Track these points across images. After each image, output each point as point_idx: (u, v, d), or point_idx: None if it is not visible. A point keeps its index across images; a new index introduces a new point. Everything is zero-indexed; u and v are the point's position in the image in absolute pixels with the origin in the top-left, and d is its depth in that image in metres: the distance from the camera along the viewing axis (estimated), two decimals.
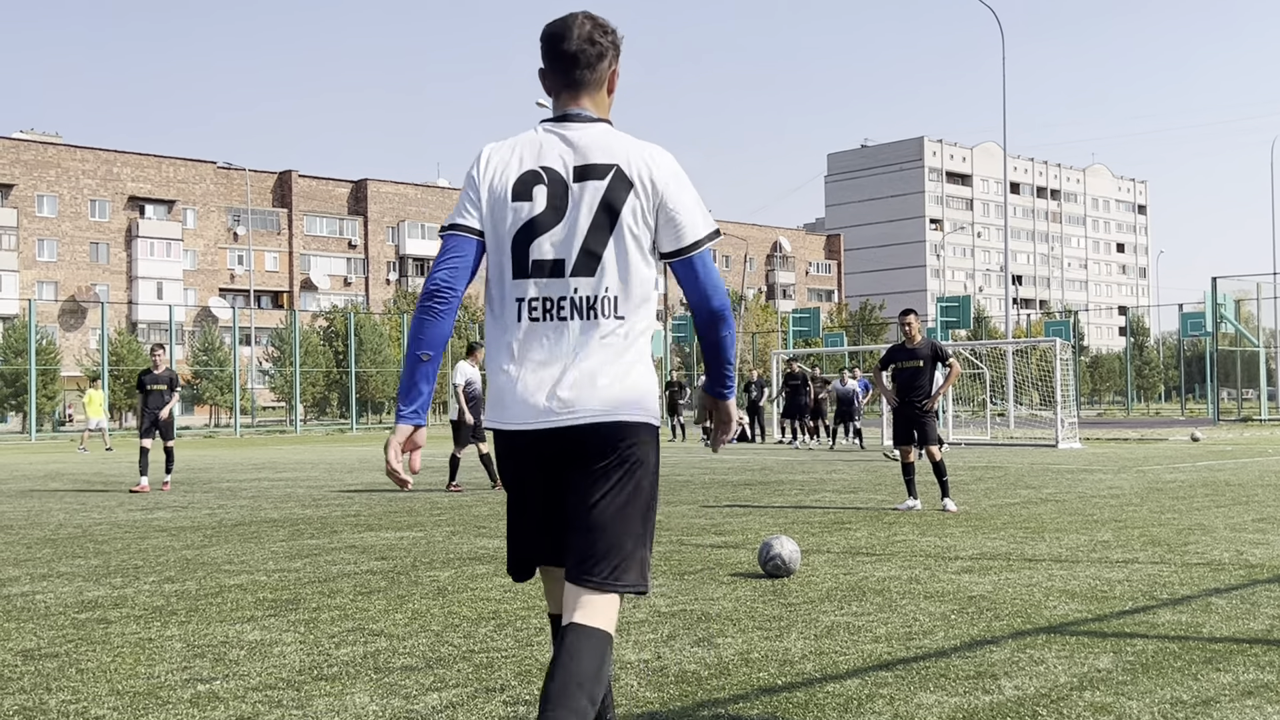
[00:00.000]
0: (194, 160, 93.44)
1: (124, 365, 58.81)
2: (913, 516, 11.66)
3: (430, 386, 3.18)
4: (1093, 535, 9.81)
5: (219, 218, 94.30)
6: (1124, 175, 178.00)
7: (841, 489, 15.36)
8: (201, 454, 28.18)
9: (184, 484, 17.71)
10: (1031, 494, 14.11)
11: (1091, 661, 5.16)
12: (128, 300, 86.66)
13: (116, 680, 5.09)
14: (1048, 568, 8.01)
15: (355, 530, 11.00)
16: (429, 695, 4.75)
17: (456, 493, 15.44)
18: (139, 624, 6.40)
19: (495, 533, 10.57)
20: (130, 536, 10.73)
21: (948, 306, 48.03)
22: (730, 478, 17.74)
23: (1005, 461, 21.38)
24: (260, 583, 7.83)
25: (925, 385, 12.47)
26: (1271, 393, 57.47)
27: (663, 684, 4.88)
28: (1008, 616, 6.26)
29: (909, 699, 4.57)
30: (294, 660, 5.44)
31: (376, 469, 21.24)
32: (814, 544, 9.46)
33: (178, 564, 8.83)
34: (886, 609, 6.53)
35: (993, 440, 30.83)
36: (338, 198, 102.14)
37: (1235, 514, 11.37)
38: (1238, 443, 28.39)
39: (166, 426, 16.80)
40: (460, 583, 7.68)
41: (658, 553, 9.00)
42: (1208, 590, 6.99)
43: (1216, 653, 5.30)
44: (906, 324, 12.66)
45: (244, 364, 65.92)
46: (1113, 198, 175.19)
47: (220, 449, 21.60)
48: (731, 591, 7.19)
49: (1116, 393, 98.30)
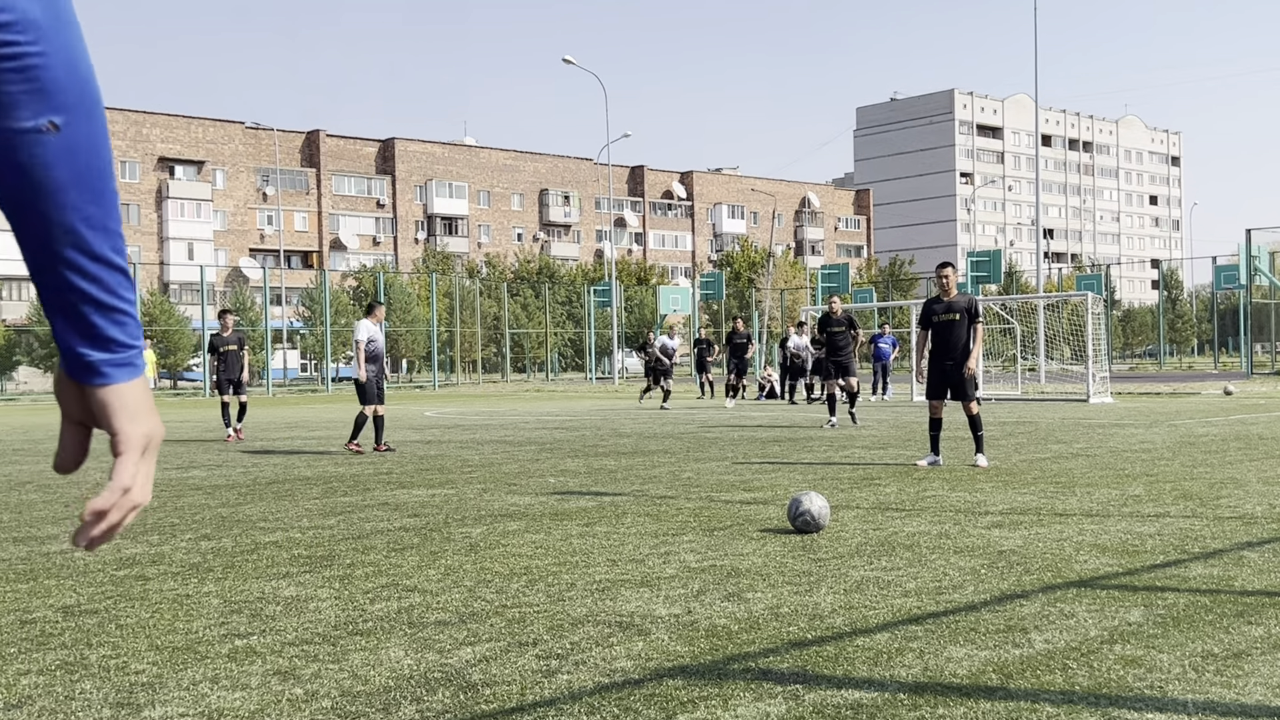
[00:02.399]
0: (222, 121, 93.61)
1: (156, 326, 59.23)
2: (942, 472, 11.64)
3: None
4: (1124, 490, 9.78)
5: (248, 178, 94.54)
6: (1157, 126, 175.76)
7: (871, 445, 15.35)
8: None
9: (218, 443, 17.89)
10: (1062, 449, 14.07)
11: (1122, 615, 5.16)
12: (159, 261, 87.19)
13: (155, 635, 5.18)
14: (1078, 522, 7.99)
15: (387, 488, 11.09)
16: (462, 649, 4.80)
17: (357, 451, 15.22)
18: (176, 580, 6.49)
19: (526, 489, 10.64)
20: (166, 495, 10.86)
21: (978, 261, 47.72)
22: (759, 434, 17.76)
23: (1036, 416, 21.30)
24: (295, 540, 7.92)
25: (962, 339, 12.31)
26: None
27: (693, 638, 4.92)
28: (1038, 571, 6.26)
29: (939, 652, 4.59)
30: (329, 615, 5.51)
31: (407, 426, 21.38)
32: (843, 500, 9.47)
33: (213, 521, 8.94)
34: (916, 564, 6.54)
35: (1023, 395, 30.71)
36: (365, 157, 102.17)
37: (1268, 467, 11.30)
38: (1271, 396, 28.16)
39: (239, 382, 18.65)
40: (492, 539, 7.75)
41: (687, 509, 9.05)
42: (1239, 544, 6.96)
43: (1248, 606, 5.29)
44: (944, 277, 12.52)
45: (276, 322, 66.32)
46: (1146, 149, 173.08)
47: (253, 408, 21.90)
48: (761, 547, 7.22)
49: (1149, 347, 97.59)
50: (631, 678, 4.35)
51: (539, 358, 71.94)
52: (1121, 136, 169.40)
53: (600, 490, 10.49)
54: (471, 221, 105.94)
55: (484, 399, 38.28)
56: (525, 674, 4.43)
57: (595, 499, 9.83)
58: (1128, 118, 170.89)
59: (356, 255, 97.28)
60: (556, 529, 8.13)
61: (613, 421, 22.07)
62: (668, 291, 59.79)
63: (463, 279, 73.53)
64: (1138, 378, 48.99)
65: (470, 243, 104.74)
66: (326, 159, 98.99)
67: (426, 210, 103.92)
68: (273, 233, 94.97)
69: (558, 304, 76.54)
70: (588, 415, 24.90)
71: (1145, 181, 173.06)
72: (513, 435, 18.58)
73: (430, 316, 58.07)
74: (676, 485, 10.78)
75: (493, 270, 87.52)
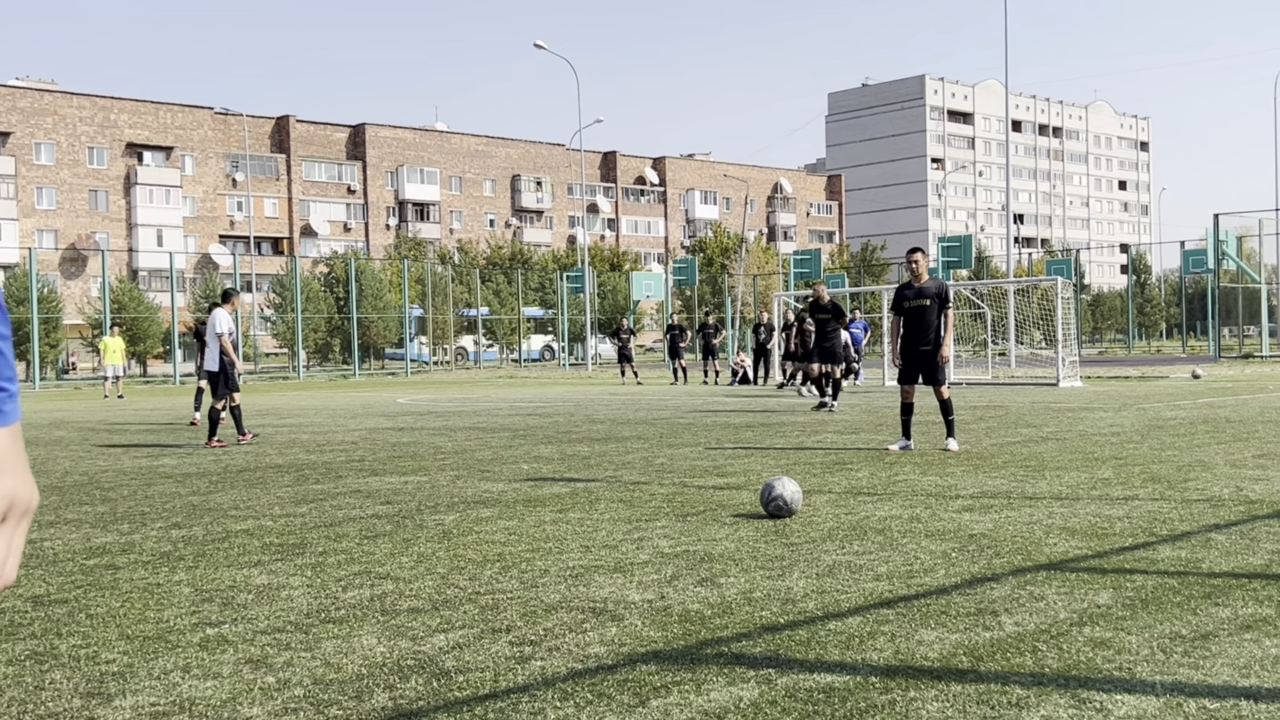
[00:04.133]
0: (191, 106, 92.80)
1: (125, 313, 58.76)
2: (913, 456, 11.70)
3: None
4: (1093, 473, 9.86)
5: (217, 164, 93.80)
6: (1126, 112, 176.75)
7: (843, 430, 15.41)
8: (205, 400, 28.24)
9: (189, 431, 17.77)
10: (1032, 432, 14.16)
11: (1091, 597, 5.21)
12: (128, 248, 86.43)
13: (126, 625, 5.15)
14: (1048, 505, 8.05)
15: (360, 475, 11.06)
16: (435, 636, 4.80)
17: (220, 447, 14.41)
18: (147, 569, 6.46)
19: (499, 476, 10.63)
20: (136, 483, 10.79)
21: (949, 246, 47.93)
22: (732, 420, 17.80)
23: (1006, 400, 21.43)
24: (266, 528, 7.89)
25: (933, 324, 12.34)
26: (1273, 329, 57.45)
27: (666, 623, 4.93)
28: (1008, 554, 6.31)
29: (910, 636, 4.62)
30: (301, 603, 5.49)
31: (380, 414, 21.31)
32: (816, 484, 9.51)
33: (184, 510, 8.89)
34: (888, 548, 6.58)
35: (994, 379, 30.88)
36: (336, 143, 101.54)
37: (1235, 450, 11.41)
38: (1239, 379, 28.42)
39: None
40: (465, 526, 7.74)
41: (661, 494, 9.07)
42: (1207, 526, 7.03)
43: (1215, 588, 5.35)
44: (914, 262, 12.56)
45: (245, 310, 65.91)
46: (1115, 135, 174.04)
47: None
48: (734, 532, 7.24)
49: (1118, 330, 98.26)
50: (605, 663, 4.36)
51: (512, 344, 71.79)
52: (1091, 122, 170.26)
53: (574, 476, 10.49)
54: (443, 207, 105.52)
55: (456, 386, 38.18)
56: (498, 660, 4.43)
57: (569, 485, 9.83)
58: (1097, 103, 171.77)
59: (327, 241, 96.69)
60: (530, 515, 8.13)
61: (586, 408, 22.06)
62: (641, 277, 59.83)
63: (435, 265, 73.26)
64: (1107, 362, 49.36)
65: (442, 229, 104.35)
66: (296, 145, 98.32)
67: (398, 196, 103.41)
68: (242, 219, 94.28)
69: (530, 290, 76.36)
70: (561, 402, 24.88)
71: (1114, 166, 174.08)
72: (486, 422, 18.55)
73: (402, 303, 57.83)
74: (650, 471, 10.79)
75: (465, 256, 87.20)
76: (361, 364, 58.71)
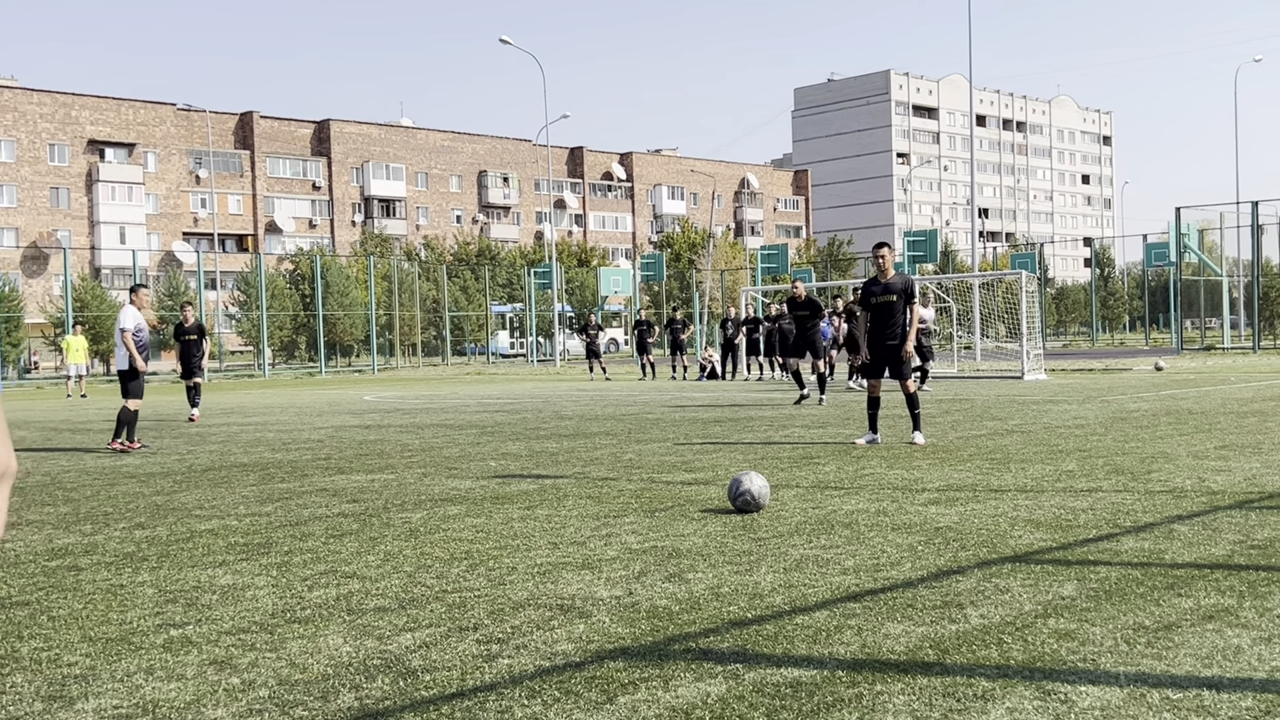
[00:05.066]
0: (153, 102, 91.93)
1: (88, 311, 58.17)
2: (880, 450, 11.74)
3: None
4: (1058, 465, 9.93)
5: (180, 161, 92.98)
6: (1089, 106, 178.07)
7: (810, 424, 15.45)
8: (169, 399, 28.03)
9: (152, 430, 17.63)
10: (998, 425, 14.25)
11: (1056, 589, 5.24)
12: (90, 246, 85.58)
13: (89, 627, 5.10)
14: (1013, 498, 8.10)
15: (326, 473, 10.99)
16: (402, 635, 4.78)
17: (126, 450, 13.97)
18: (110, 570, 6.40)
19: (467, 474, 10.59)
20: (99, 484, 10.69)
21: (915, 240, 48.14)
22: (700, 415, 17.81)
23: (972, 394, 21.56)
24: (231, 527, 7.83)
25: (899, 320, 12.39)
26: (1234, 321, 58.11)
27: (634, 619, 4.92)
28: (974, 547, 6.34)
29: (876, 629, 4.64)
30: (267, 604, 5.45)
31: (346, 412, 21.21)
32: (783, 479, 9.53)
33: (148, 510, 8.81)
34: (855, 541, 6.60)
35: (959, 373, 31.05)
36: (300, 139, 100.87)
37: (1198, 441, 11.52)
38: (1200, 371, 28.71)
39: (193, 368, 20.13)
40: (432, 524, 7.71)
41: (629, 490, 9.06)
42: (1170, 517, 7.10)
43: (1178, 578, 5.39)
44: (881, 257, 12.59)
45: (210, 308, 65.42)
46: (1078, 129, 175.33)
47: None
48: (702, 527, 7.25)
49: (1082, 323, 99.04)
50: (572, 660, 4.35)
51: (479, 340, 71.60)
52: (1054, 116, 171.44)
53: (541, 473, 10.47)
54: (409, 203, 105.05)
55: (424, 383, 38.04)
56: (465, 659, 4.42)
57: (536, 482, 9.81)
58: (1060, 98, 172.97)
59: (292, 238, 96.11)
60: (497, 513, 8.11)
61: (554, 404, 22.03)
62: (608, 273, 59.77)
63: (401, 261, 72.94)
64: (1071, 354, 49.74)
65: (408, 225, 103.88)
66: (260, 141, 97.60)
67: (363, 192, 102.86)
68: (206, 216, 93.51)
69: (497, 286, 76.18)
70: (529, 398, 24.84)
71: (1078, 161, 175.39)
72: (453, 419, 18.49)
73: (368, 300, 57.54)
74: (618, 467, 10.78)
75: (431, 253, 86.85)
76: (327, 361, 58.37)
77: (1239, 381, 23.31)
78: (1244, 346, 46.87)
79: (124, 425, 14.30)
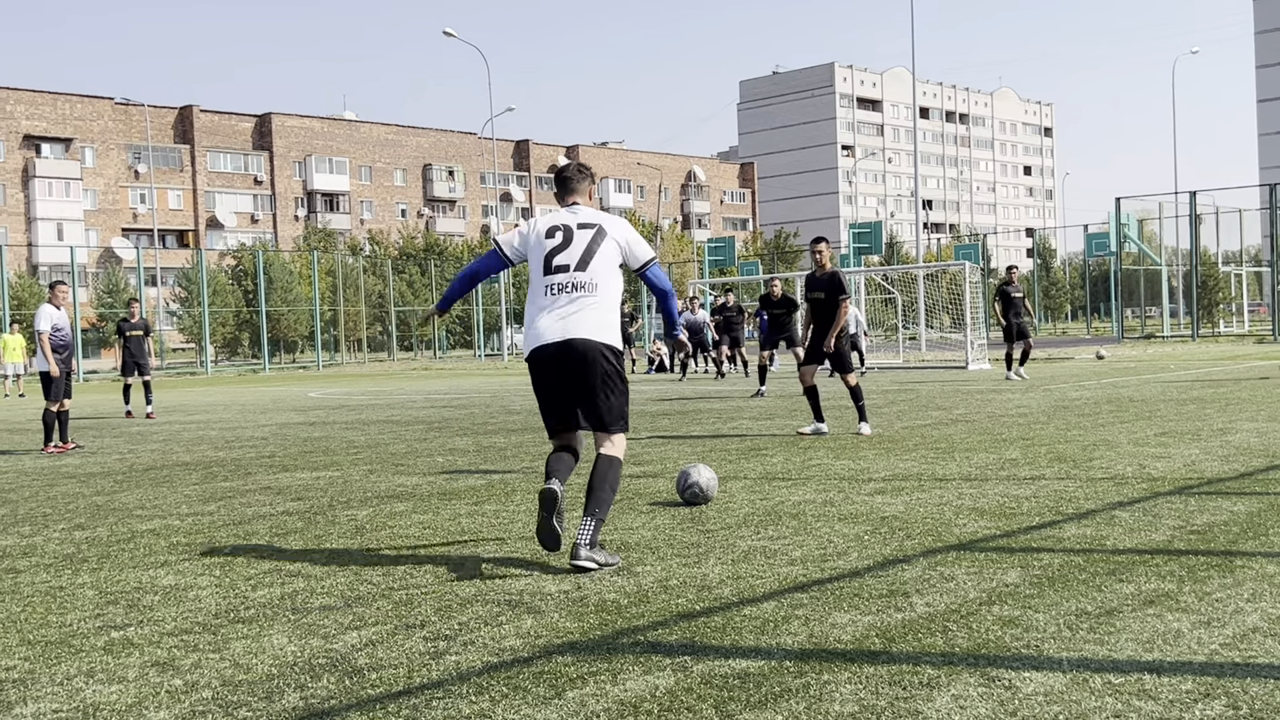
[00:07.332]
0: (90, 96, 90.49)
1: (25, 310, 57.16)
2: (827, 441, 11.81)
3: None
4: (1001, 454, 10.03)
5: (119, 155, 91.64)
6: (1030, 98, 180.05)
7: (758, 416, 15.51)
8: (111, 398, 27.62)
9: (93, 429, 17.37)
10: (942, 415, 14.37)
11: (1000, 577, 5.30)
12: (27, 243, 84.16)
13: (27, 630, 5.01)
14: (958, 487, 8.18)
15: (270, 471, 10.88)
16: (348, 634, 4.74)
17: (59, 452, 13.69)
18: (49, 572, 6.29)
19: (413, 470, 10.53)
20: (38, 484, 10.51)
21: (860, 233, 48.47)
22: (648, 408, 17.82)
23: (917, 384, 21.74)
24: (173, 527, 7.73)
25: (829, 316, 12.46)
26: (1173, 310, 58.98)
27: (583, 614, 4.91)
28: (919, 536, 6.39)
29: (824, 619, 4.66)
30: (210, 604, 5.39)
31: (290, 409, 21.01)
32: (731, 471, 9.56)
33: (88, 510, 8.68)
34: (802, 532, 6.63)
35: (905, 363, 31.30)
36: (241, 133, 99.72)
37: (1138, 429, 11.69)
38: (1141, 359, 29.14)
39: (144, 365, 20.16)
40: (379, 521, 7.65)
41: (577, 484, 9.05)
42: (1111, 504, 7.19)
43: (1120, 564, 5.46)
44: (818, 252, 12.66)
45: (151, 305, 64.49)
46: (1019, 121, 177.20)
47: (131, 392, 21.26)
48: (650, 520, 7.25)
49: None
50: (521, 656, 4.33)
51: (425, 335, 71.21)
52: (996, 108, 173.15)
53: (489, 468, 10.43)
54: (353, 198, 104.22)
55: (370, 378, 37.77)
56: (412, 656, 4.39)
57: (484, 477, 9.77)
58: (1002, 90, 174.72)
59: (234, 234, 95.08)
60: (445, 509, 8.07)
61: (502, 399, 21.96)
62: None
63: (346, 256, 72.35)
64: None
65: (352, 219, 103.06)
66: (201, 135, 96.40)
67: (306, 186, 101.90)
68: (146, 212, 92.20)
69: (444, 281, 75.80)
70: (477, 393, 24.74)
71: (1019, 152, 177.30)
72: (399, 415, 18.38)
73: (313, 295, 57.05)
74: None
75: (376, 247, 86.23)
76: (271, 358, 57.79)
77: (1178, 369, 23.68)
78: (1183, 334, 47.63)
79: (49, 428, 13.96)
